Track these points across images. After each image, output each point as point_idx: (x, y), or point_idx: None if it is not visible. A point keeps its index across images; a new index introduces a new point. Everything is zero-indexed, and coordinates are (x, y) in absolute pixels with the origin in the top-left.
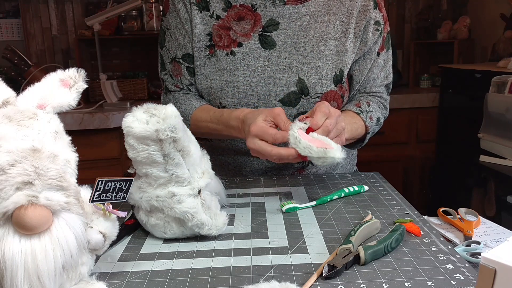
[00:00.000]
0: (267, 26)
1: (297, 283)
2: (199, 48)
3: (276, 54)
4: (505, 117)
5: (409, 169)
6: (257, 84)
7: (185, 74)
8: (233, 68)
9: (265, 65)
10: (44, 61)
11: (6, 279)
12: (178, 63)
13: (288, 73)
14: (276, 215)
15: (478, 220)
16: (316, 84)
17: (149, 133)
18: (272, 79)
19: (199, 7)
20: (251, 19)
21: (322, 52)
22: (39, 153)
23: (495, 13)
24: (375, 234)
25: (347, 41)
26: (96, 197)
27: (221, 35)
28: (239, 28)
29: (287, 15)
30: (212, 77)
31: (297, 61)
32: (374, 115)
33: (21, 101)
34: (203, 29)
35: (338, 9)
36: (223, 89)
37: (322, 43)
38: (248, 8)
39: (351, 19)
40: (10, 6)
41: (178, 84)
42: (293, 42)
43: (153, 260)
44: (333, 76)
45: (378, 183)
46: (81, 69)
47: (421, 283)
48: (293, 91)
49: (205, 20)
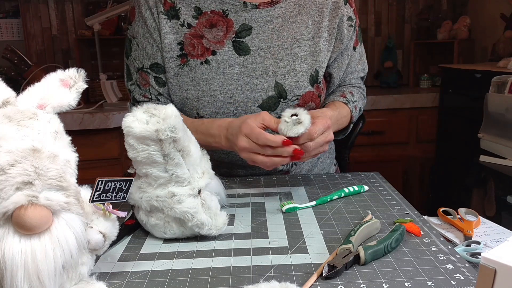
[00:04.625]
0: (240, 32)
1: (297, 283)
2: (170, 59)
3: (251, 60)
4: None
5: (409, 169)
6: (235, 92)
7: (152, 84)
8: (208, 77)
9: (241, 71)
10: (44, 61)
11: (6, 279)
12: (145, 73)
13: (265, 78)
14: (276, 215)
15: (478, 220)
16: (293, 86)
17: (149, 133)
18: (249, 85)
19: (168, 15)
20: (223, 26)
21: (296, 54)
22: (39, 153)
23: (495, 13)
24: (375, 234)
25: (320, 41)
26: (96, 197)
27: (193, 44)
28: (211, 35)
29: (259, 19)
30: (187, 87)
31: (273, 65)
32: (358, 104)
33: (21, 101)
34: (173, 39)
35: (309, 9)
36: (200, 99)
37: (296, 44)
38: (219, 14)
39: (322, 18)
40: (10, 6)
41: (146, 94)
42: (267, 46)
43: (153, 260)
44: (309, 77)
45: (378, 183)
46: (81, 69)
47: (421, 283)
48: (272, 96)
49: (175, 29)
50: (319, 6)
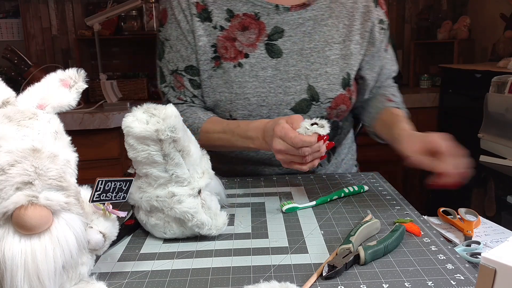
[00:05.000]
0: (272, 34)
1: (297, 283)
2: (205, 61)
3: (284, 63)
4: (505, 117)
5: (409, 169)
6: (268, 95)
7: (187, 86)
8: (242, 80)
9: (274, 74)
10: (44, 61)
11: (6, 279)
12: (180, 75)
13: (298, 80)
14: (276, 215)
15: (478, 220)
16: (325, 89)
17: (149, 133)
18: (282, 88)
19: (200, 18)
20: (255, 28)
21: (328, 57)
22: (39, 153)
23: (495, 13)
24: (375, 234)
25: (351, 44)
26: (96, 197)
27: (226, 46)
28: (244, 38)
29: (291, 22)
30: (220, 90)
31: (305, 68)
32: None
33: (21, 101)
34: (207, 41)
35: (340, 12)
36: (233, 101)
37: (327, 47)
38: (251, 17)
39: (353, 22)
40: (10, 6)
41: (181, 96)
42: (299, 48)
43: (153, 260)
44: (341, 80)
45: (378, 183)
46: (81, 69)
47: (421, 283)
48: (304, 99)
49: (208, 31)
50: (350, 10)
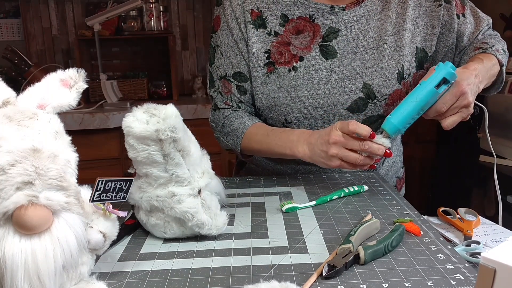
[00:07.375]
0: (327, 35)
1: (297, 283)
2: (257, 68)
3: (338, 63)
4: (505, 117)
5: (409, 169)
6: (323, 96)
7: (234, 92)
8: (296, 83)
9: (328, 75)
10: (44, 61)
11: (6, 279)
12: (228, 81)
13: (353, 80)
14: (276, 215)
15: (477, 220)
16: (381, 86)
17: (149, 133)
18: (337, 88)
19: (255, 25)
20: (310, 31)
21: (382, 52)
22: (39, 153)
23: (495, 13)
24: (375, 234)
25: (405, 33)
26: (96, 197)
27: (281, 51)
28: (298, 42)
29: (345, 20)
30: (274, 95)
31: (360, 66)
32: (497, 47)
33: (21, 101)
34: (260, 48)
35: (392, 2)
36: (288, 105)
37: (381, 42)
38: (306, 19)
39: (406, 9)
40: (10, 6)
41: (228, 101)
42: (353, 47)
43: (153, 260)
44: (396, 74)
45: (378, 183)
46: (81, 69)
47: (421, 283)
48: (360, 97)
49: (262, 38)
50: None
